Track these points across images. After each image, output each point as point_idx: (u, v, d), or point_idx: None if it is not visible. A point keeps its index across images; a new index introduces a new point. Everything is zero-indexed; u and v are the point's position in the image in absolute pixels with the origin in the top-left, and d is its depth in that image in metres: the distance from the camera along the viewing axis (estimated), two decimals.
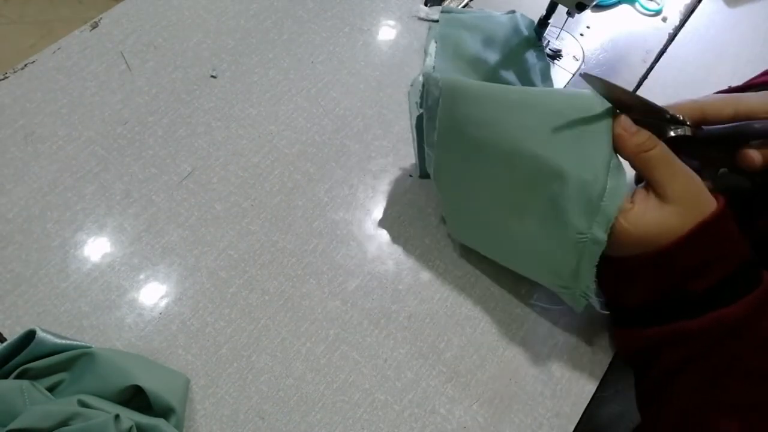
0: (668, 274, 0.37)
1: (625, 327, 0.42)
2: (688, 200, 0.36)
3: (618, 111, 0.38)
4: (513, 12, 0.59)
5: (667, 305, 0.38)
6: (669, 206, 0.36)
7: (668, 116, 0.37)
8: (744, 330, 0.35)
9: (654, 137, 0.37)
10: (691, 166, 0.38)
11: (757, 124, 0.38)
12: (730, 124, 0.39)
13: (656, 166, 0.36)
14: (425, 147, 0.45)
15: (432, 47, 0.57)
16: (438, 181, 0.45)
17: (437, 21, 0.59)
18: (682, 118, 0.37)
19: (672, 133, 0.37)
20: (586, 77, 0.37)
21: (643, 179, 0.38)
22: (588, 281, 0.39)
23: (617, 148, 0.37)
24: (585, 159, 0.37)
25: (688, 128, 0.37)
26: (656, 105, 0.38)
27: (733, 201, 0.38)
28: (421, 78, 0.43)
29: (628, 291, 0.40)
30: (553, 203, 0.38)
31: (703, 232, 0.35)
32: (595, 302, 0.40)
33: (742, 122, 0.39)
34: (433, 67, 0.55)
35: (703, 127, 0.38)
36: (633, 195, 0.38)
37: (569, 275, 0.39)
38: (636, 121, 0.37)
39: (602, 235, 0.36)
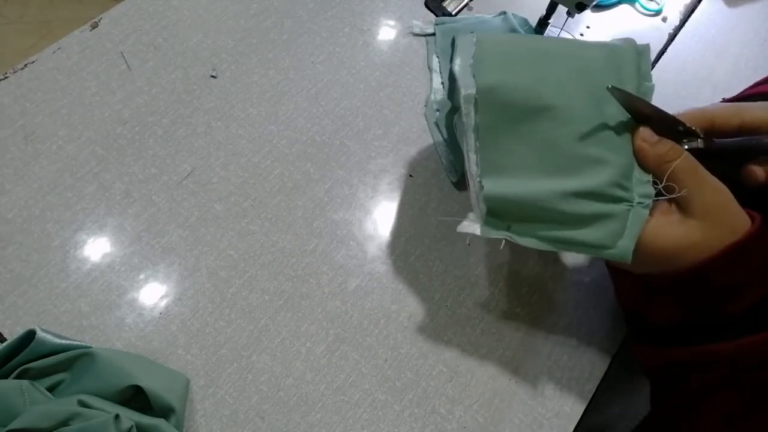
0: (701, 295, 0.35)
1: (649, 344, 0.39)
2: (714, 215, 0.34)
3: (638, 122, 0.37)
4: (504, 13, 0.59)
5: (698, 326, 0.36)
6: (692, 221, 0.34)
7: (682, 128, 0.37)
8: None
9: (677, 146, 0.35)
10: None
11: (766, 139, 0.38)
12: (741, 138, 0.38)
13: (682, 177, 0.34)
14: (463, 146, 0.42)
15: (435, 63, 0.57)
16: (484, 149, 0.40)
17: (433, 34, 0.59)
18: (695, 129, 0.37)
19: (685, 146, 0.37)
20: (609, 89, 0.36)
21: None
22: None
23: (639, 160, 0.36)
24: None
25: (702, 141, 0.37)
26: (671, 115, 0.37)
27: None
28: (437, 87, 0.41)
29: (655, 309, 0.38)
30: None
31: (740, 252, 0.33)
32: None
33: (753, 137, 0.38)
34: (442, 83, 0.55)
35: (714, 140, 0.37)
36: (653, 208, 0.36)
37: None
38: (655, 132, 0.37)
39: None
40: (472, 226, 0.37)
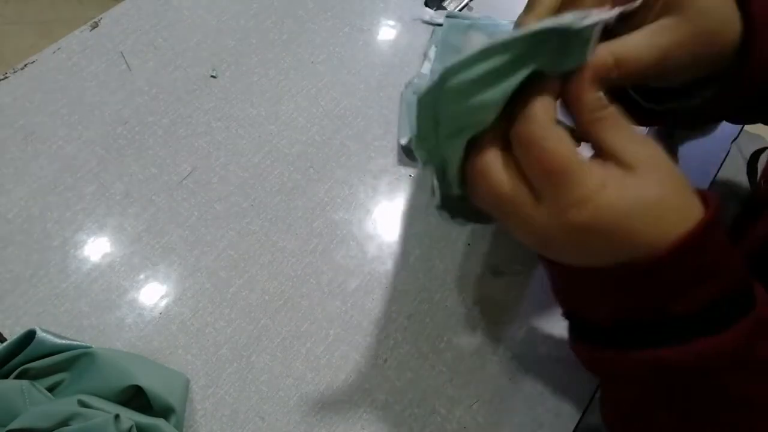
0: (644, 293, 0.29)
1: (588, 343, 0.34)
2: (657, 165, 0.28)
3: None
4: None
5: (641, 327, 0.31)
6: (637, 174, 0.27)
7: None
8: (733, 361, 0.29)
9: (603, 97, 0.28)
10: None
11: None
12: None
13: (605, 127, 0.28)
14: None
15: (432, 51, 0.57)
16: None
17: (441, 25, 0.59)
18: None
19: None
20: None
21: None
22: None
23: (570, 112, 0.29)
24: None
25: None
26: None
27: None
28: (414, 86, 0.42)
29: (593, 308, 0.33)
30: None
31: (695, 242, 0.27)
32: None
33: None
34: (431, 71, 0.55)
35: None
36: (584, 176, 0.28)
37: None
38: None
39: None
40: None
